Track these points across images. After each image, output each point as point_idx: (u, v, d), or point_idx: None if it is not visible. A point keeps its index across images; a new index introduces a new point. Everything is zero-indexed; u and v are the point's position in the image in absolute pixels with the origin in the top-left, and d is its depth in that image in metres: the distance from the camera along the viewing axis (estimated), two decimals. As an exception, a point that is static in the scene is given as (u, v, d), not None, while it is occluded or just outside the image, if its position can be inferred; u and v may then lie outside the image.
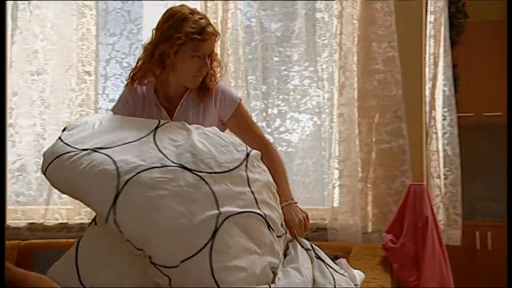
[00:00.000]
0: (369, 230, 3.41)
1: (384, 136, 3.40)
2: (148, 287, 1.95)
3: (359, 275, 2.82)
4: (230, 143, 2.18)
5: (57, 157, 2.05)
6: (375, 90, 3.41)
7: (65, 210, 3.71)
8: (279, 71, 3.59)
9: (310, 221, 3.35)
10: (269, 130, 3.56)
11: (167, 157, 2.02)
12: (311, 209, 3.50)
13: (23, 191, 3.75)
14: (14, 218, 3.74)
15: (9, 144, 3.76)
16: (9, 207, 3.70)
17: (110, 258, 1.99)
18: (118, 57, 3.73)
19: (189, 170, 1.98)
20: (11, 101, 3.77)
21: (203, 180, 1.97)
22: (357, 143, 3.41)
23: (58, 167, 2.05)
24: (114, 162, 1.97)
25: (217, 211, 1.91)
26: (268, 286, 1.97)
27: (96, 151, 2.02)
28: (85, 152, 2.03)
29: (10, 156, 3.78)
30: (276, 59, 3.60)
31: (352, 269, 2.83)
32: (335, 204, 3.44)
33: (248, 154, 2.15)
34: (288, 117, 3.61)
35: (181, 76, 2.32)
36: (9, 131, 3.76)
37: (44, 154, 2.11)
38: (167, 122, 2.23)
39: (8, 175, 3.78)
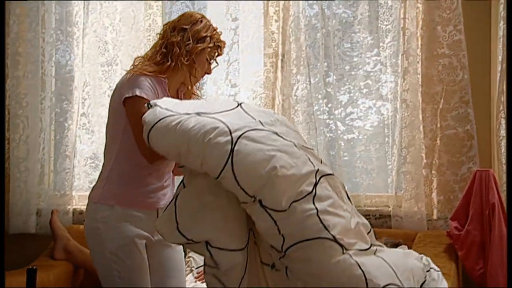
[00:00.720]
0: (434, 217, 3.36)
1: (449, 122, 3.33)
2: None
3: (420, 262, 2.78)
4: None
5: (160, 119, 2.12)
6: (440, 75, 3.34)
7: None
8: (341, 58, 3.56)
9: (374, 208, 3.36)
10: (336, 115, 3.54)
11: (262, 123, 2.13)
12: (374, 196, 3.50)
13: (95, 177, 3.89)
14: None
15: (82, 132, 3.93)
16: (83, 193, 3.88)
17: (204, 213, 2.09)
18: (183, 47, 3.79)
19: (282, 137, 2.11)
20: (83, 91, 3.93)
21: (295, 145, 2.10)
22: (421, 129, 3.35)
23: (163, 129, 2.12)
24: (222, 122, 2.06)
25: (314, 168, 2.06)
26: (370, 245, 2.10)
27: (199, 115, 2.12)
28: (189, 115, 2.12)
29: (84, 145, 3.95)
30: (339, 45, 3.57)
31: (413, 256, 2.79)
32: (399, 191, 3.40)
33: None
34: (351, 103, 3.58)
35: (192, 75, 2.46)
36: (82, 120, 3.93)
37: (144, 120, 2.17)
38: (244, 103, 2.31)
39: (82, 162, 3.95)
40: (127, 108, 2.35)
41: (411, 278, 2.13)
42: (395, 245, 2.93)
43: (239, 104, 2.24)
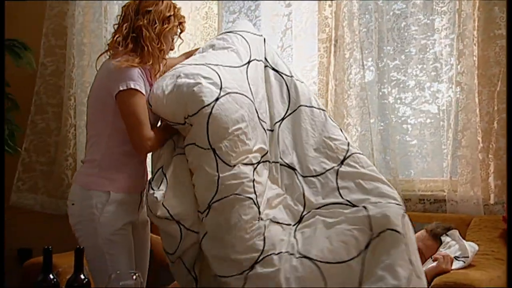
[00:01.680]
0: (491, 202, 3.29)
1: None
2: None
3: (471, 246, 2.77)
4: None
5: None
6: (497, 56, 3.26)
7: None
8: (396, 42, 3.53)
9: (429, 193, 3.33)
10: (390, 100, 3.53)
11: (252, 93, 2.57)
12: (429, 180, 3.46)
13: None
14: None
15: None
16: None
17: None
18: (238, 34, 3.85)
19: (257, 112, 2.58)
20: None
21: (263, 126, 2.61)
22: (477, 113, 3.29)
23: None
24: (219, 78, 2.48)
25: (266, 148, 2.57)
26: None
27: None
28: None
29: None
30: (393, 29, 3.54)
31: (464, 240, 2.78)
32: (454, 176, 3.35)
33: None
34: (403, 87, 3.55)
35: (161, 57, 2.58)
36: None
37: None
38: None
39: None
40: (120, 100, 2.46)
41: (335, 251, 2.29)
42: (446, 229, 2.90)
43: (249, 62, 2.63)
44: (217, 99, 2.42)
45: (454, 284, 2.42)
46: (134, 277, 1.94)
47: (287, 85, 2.69)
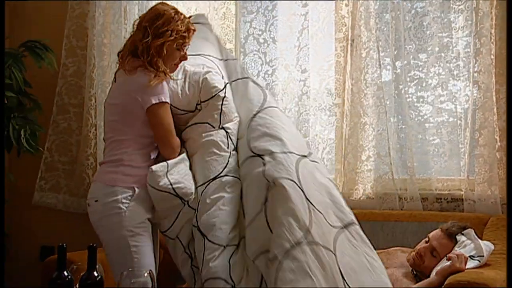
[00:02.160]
0: (510, 201, 3.27)
1: (525, 103, 3.23)
2: None
3: (486, 245, 2.77)
4: None
5: None
6: (514, 55, 3.24)
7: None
8: (412, 40, 3.52)
9: (446, 192, 3.32)
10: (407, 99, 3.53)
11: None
12: (446, 179, 3.45)
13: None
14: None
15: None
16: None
17: None
18: (255, 33, 3.88)
19: None
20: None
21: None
22: (494, 111, 3.28)
23: None
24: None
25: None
26: None
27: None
28: None
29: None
30: (410, 28, 3.53)
31: (479, 239, 2.78)
32: (471, 175, 3.34)
33: None
34: (421, 85, 3.54)
35: (167, 64, 2.75)
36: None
37: None
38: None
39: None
40: (152, 113, 2.68)
41: None
42: (462, 229, 2.90)
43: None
44: (225, 86, 2.84)
45: (467, 283, 2.42)
46: (146, 274, 1.98)
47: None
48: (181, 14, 2.80)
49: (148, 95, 2.67)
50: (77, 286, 2.05)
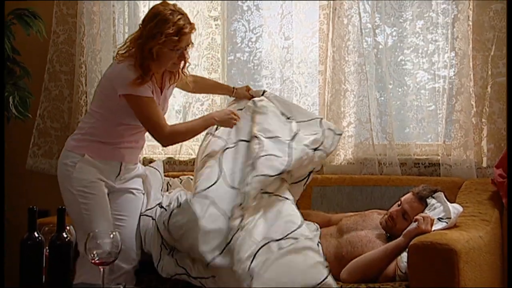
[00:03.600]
0: (484, 165, 3.35)
1: (501, 69, 3.28)
2: None
3: (455, 208, 2.85)
4: None
5: None
6: (491, 21, 3.28)
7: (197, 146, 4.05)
8: (394, 8, 3.55)
9: (424, 157, 3.39)
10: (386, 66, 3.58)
11: None
12: (424, 144, 3.52)
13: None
14: (156, 152, 4.18)
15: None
16: (150, 143, 4.14)
17: None
18: (239, 1, 3.92)
19: None
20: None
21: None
22: (471, 77, 3.32)
23: None
24: None
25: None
26: None
27: None
28: None
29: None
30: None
31: (448, 202, 2.86)
32: (448, 140, 3.41)
33: None
34: (400, 52, 3.59)
35: (164, 64, 2.93)
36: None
37: None
38: None
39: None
40: (130, 103, 2.90)
41: None
42: (432, 192, 2.97)
43: None
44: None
45: (430, 244, 2.50)
46: (112, 235, 2.07)
47: None
48: (178, 14, 2.88)
49: (128, 85, 2.87)
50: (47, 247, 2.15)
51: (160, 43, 2.82)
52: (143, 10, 4.17)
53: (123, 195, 3.07)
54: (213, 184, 2.92)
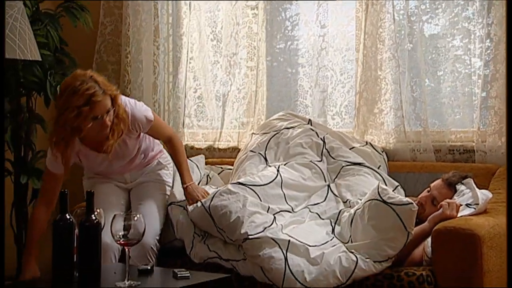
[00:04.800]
0: (520, 152, 3.31)
1: (538, 55, 3.24)
2: None
3: (483, 194, 2.86)
4: None
5: None
6: (527, 6, 3.24)
7: (236, 134, 4.16)
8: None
9: (459, 143, 3.40)
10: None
11: None
12: (459, 131, 3.52)
13: (202, 116, 4.29)
14: (197, 139, 4.31)
15: (191, 75, 4.30)
16: (191, 130, 4.30)
17: None
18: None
19: None
20: (191, 36, 4.28)
21: None
22: (504, 64, 3.29)
23: None
24: None
25: None
26: None
27: None
28: None
29: (192, 87, 4.33)
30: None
31: (477, 189, 2.87)
32: (482, 126, 3.39)
33: None
34: (434, 39, 3.58)
35: (90, 134, 2.93)
36: (191, 63, 4.29)
37: None
38: None
39: (192, 102, 4.33)
40: None
41: None
42: (462, 178, 2.99)
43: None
44: None
45: (453, 229, 2.53)
46: (136, 217, 2.20)
47: None
48: (88, 83, 2.84)
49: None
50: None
51: (72, 116, 2.81)
52: (185, 1, 4.30)
53: (141, 186, 3.34)
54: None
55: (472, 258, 2.48)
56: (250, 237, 2.80)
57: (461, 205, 2.81)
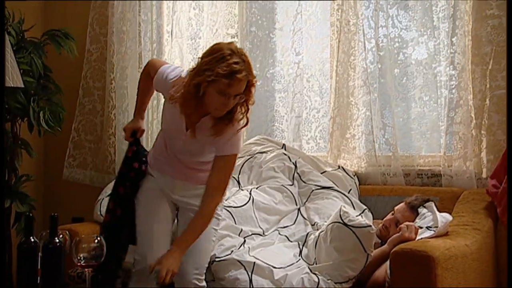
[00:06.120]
0: (484, 176, 3.42)
1: (500, 82, 3.36)
2: None
3: (443, 217, 2.95)
4: None
5: None
6: (489, 36, 3.37)
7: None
8: (395, 25, 3.68)
9: (426, 168, 3.51)
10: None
11: None
12: (427, 156, 3.63)
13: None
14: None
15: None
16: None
17: None
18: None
19: None
20: (174, 63, 4.41)
21: None
22: (470, 90, 3.41)
23: None
24: None
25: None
26: None
27: None
28: None
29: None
30: (393, 12, 3.69)
31: (437, 212, 2.96)
32: (448, 151, 3.50)
33: None
34: (403, 66, 3.71)
35: (207, 105, 2.68)
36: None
37: None
38: None
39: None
40: None
41: None
42: (424, 201, 3.09)
43: None
44: None
45: (409, 251, 2.61)
46: (97, 240, 2.29)
47: None
48: (238, 57, 2.62)
49: None
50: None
51: (207, 81, 2.59)
52: (167, 29, 4.45)
53: (187, 210, 3.01)
54: None
55: (426, 279, 2.56)
56: (217, 259, 2.91)
57: (420, 227, 2.91)
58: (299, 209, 3.42)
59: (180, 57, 4.40)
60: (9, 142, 4.07)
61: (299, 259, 3.03)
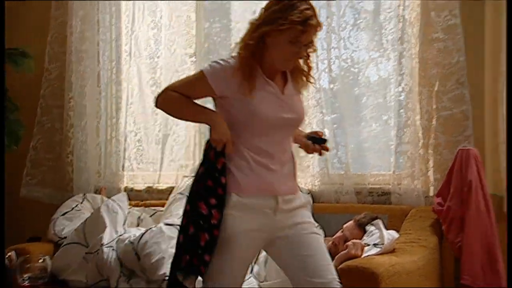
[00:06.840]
0: (431, 194, 3.53)
1: (445, 103, 3.48)
2: None
3: (389, 234, 3.04)
4: None
5: None
6: (435, 58, 3.50)
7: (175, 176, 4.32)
8: (351, 42, 3.80)
9: (377, 186, 3.60)
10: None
11: None
12: (378, 174, 3.73)
13: (142, 159, 4.45)
14: (136, 182, 4.46)
15: (131, 119, 4.47)
16: (131, 173, 4.44)
17: None
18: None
19: None
20: (132, 82, 4.47)
21: None
22: (417, 111, 3.53)
23: None
24: None
25: None
26: None
27: None
28: None
29: (133, 131, 4.49)
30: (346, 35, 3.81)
31: (384, 229, 3.05)
32: (397, 170, 3.61)
33: None
34: (354, 86, 3.82)
35: (275, 57, 2.36)
36: (131, 108, 4.47)
37: None
38: None
39: (132, 145, 4.49)
40: None
41: None
42: (372, 219, 3.18)
43: None
44: None
45: (355, 267, 2.70)
46: (41, 260, 2.31)
47: None
48: (307, 4, 2.33)
49: None
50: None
51: (280, 29, 2.29)
52: (125, 48, 4.49)
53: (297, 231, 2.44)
54: None
55: (371, 295, 2.64)
56: (167, 278, 2.94)
57: (368, 245, 3.00)
58: None
59: (138, 76, 4.46)
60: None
61: (250, 277, 3.08)
